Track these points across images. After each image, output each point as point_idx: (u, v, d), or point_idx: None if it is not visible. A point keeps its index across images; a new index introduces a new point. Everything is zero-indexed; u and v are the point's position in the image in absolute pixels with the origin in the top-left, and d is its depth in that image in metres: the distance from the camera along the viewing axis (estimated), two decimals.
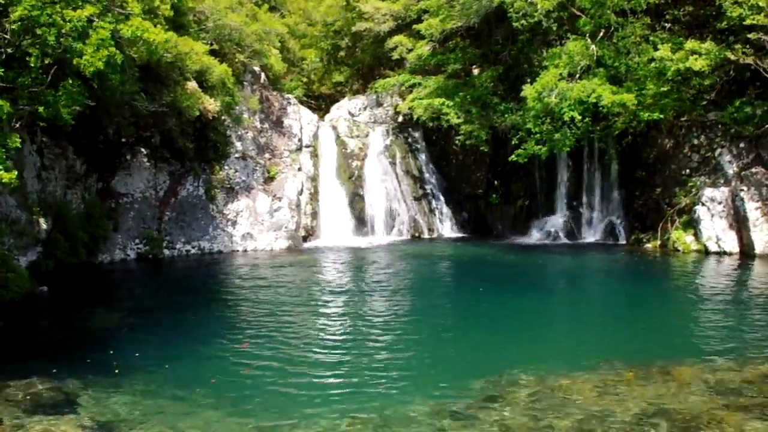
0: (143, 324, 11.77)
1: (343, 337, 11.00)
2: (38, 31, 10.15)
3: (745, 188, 18.19)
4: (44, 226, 15.72)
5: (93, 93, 13.01)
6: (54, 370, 8.77)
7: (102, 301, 13.94)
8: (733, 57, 16.57)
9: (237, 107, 20.26)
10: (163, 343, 10.47)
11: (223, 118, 19.97)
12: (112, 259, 18.52)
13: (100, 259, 18.23)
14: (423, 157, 26.40)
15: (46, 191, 16.56)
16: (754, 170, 18.43)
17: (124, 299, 14.55)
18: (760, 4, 15.85)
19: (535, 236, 23.58)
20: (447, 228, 25.56)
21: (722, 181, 19.12)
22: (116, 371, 8.84)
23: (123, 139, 19.16)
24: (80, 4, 11.16)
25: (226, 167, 21.48)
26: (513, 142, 21.42)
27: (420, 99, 24.09)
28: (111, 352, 9.81)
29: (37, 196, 15.97)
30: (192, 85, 17.46)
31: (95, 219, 18.06)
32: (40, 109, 10.80)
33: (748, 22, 16.09)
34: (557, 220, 23.66)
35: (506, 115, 22.20)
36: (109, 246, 18.55)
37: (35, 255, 15.54)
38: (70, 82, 11.11)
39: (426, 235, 24.84)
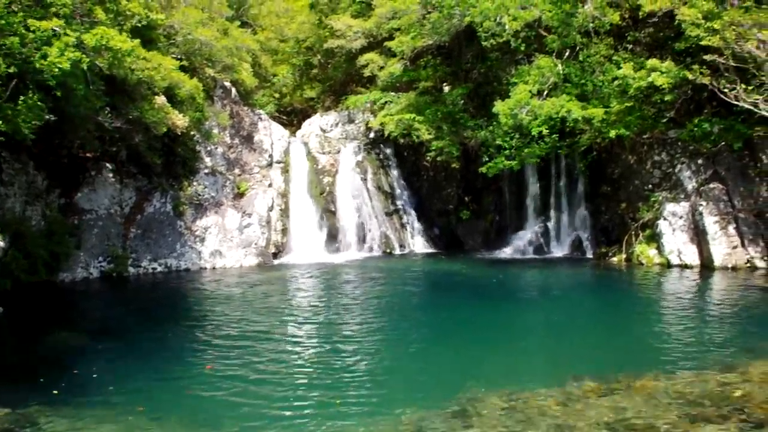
0: (104, 346, 11.43)
1: (312, 356, 10.87)
2: (3, 41, 9.99)
3: (704, 203, 18.71)
4: (2, 243, 15.24)
5: (56, 106, 12.80)
6: (10, 395, 8.45)
7: (62, 322, 13.48)
8: (691, 77, 17.14)
9: (207, 122, 20.10)
10: (124, 365, 10.18)
11: (192, 133, 19.79)
12: (74, 277, 18.04)
13: (61, 278, 17.73)
14: (394, 173, 26.53)
15: (4, 207, 16.12)
16: (711, 186, 18.99)
17: (85, 319, 14.17)
18: (715, 27, 16.47)
19: (505, 251, 23.83)
20: (419, 244, 25.64)
21: (683, 196, 19.64)
22: (55, 392, 8.57)
23: (88, 154, 18.81)
24: (44, 13, 11.05)
25: (194, 183, 21.24)
26: (484, 159, 21.76)
27: (391, 115, 24.28)
28: (75, 372, 9.55)
29: None
30: (160, 99, 17.27)
31: (57, 236, 17.57)
32: None
33: (704, 42, 16.70)
34: (526, 235, 23.99)
35: (476, 132, 22.53)
36: (71, 264, 18.07)
37: None
38: (30, 95, 10.92)
39: (397, 251, 24.86)
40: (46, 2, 11.09)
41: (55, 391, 8.66)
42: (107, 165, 19.41)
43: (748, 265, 18.03)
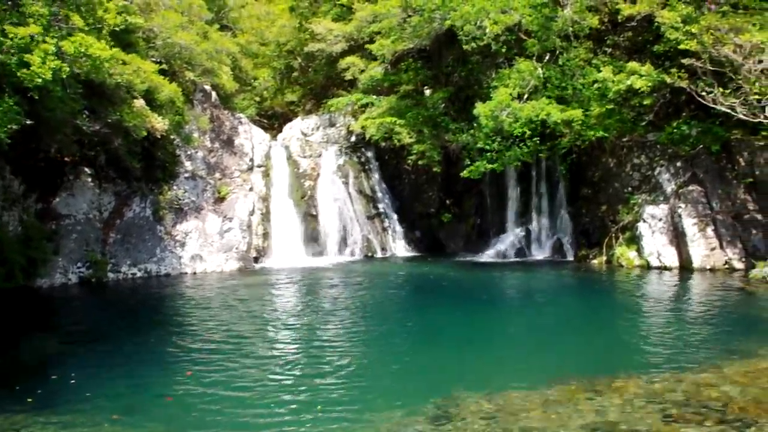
0: (83, 352, 11.23)
1: (293, 361, 10.78)
2: None
3: (682, 205, 18.98)
4: None
5: (33, 110, 12.58)
6: None
7: (40, 328, 13.27)
8: (669, 80, 17.42)
9: (187, 126, 19.90)
10: (103, 372, 9.98)
11: (172, 137, 19.57)
12: (52, 283, 17.72)
13: (39, 284, 17.41)
14: (376, 176, 26.53)
15: None
16: (690, 188, 19.28)
17: (63, 326, 13.90)
18: (693, 31, 16.76)
19: (486, 254, 23.93)
20: (400, 247, 25.65)
21: (662, 199, 19.91)
22: (29, 400, 8.39)
23: (66, 158, 18.51)
24: (21, 19, 10.86)
25: (174, 187, 21.01)
26: (465, 162, 21.85)
27: (372, 118, 24.28)
28: (52, 378, 9.37)
29: None
30: (140, 103, 17.04)
31: (34, 241, 17.28)
32: None
33: (682, 46, 16.99)
34: (508, 238, 24.11)
35: (457, 135, 22.62)
36: (49, 270, 17.75)
37: None
38: (6, 98, 10.72)
39: (379, 255, 24.83)
40: (24, 11, 10.89)
41: (30, 399, 8.47)
42: (86, 169, 19.12)
43: (727, 266, 18.32)
